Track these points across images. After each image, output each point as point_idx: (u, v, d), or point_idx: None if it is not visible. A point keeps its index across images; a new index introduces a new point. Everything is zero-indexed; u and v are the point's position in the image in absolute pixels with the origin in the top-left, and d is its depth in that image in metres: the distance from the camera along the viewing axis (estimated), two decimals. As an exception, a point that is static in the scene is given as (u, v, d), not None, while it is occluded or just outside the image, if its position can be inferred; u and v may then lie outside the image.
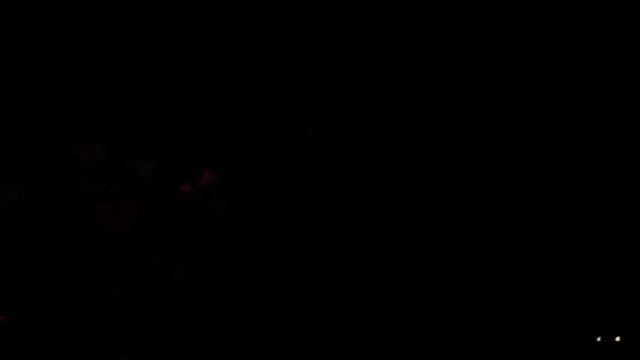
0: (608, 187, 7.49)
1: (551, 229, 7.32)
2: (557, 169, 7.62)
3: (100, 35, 7.96)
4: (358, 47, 8.17)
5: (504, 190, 7.50)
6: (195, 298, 6.94)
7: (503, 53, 8.08)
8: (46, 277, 6.90)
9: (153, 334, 6.79)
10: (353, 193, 7.51)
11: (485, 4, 8.15)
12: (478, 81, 8.00)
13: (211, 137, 7.68)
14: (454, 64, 8.08)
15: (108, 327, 6.78)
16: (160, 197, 7.31)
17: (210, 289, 6.97)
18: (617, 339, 6.80)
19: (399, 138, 7.83)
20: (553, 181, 7.56)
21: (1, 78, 7.71)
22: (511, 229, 7.33)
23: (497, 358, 6.79)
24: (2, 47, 7.79)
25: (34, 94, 7.69)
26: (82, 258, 6.97)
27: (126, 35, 7.99)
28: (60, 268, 6.95)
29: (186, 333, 6.79)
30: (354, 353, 6.83)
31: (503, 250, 7.23)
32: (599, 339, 6.82)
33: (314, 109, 7.94)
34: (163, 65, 7.96)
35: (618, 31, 8.05)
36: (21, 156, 7.37)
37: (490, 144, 7.77)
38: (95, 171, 7.32)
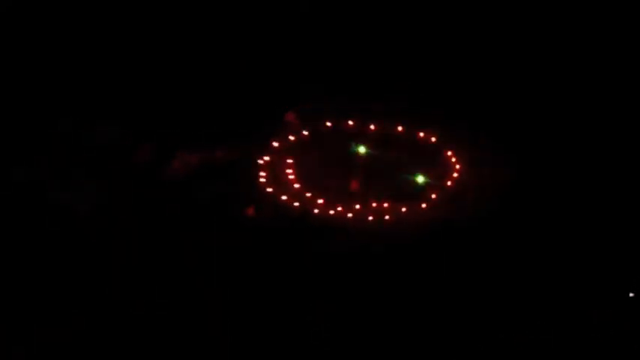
0: (609, 188, 7.50)
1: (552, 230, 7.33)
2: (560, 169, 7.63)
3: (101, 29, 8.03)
4: (358, 47, 8.18)
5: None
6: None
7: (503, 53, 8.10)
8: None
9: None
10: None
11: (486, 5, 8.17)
12: (477, 83, 8.02)
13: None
14: (455, 65, 8.09)
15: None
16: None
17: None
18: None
19: (398, 137, 7.85)
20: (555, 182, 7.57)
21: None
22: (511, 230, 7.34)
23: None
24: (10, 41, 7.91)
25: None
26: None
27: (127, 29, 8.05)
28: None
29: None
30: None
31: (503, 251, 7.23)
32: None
33: (313, 109, 7.95)
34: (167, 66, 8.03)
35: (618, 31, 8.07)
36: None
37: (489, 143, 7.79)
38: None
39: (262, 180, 7.58)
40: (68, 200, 7.28)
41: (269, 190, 7.52)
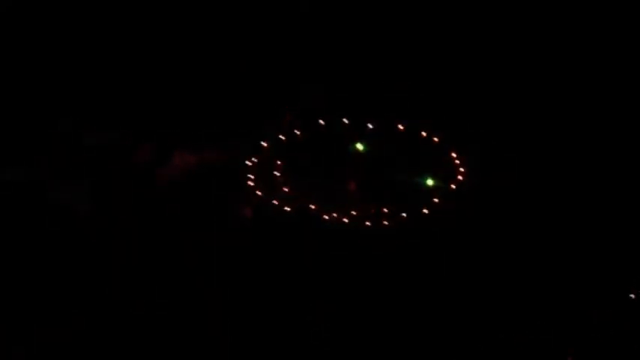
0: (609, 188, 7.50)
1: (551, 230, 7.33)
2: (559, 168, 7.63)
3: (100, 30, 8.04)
4: (358, 46, 8.18)
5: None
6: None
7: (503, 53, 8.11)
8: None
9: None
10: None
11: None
12: (475, 83, 8.03)
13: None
14: (456, 65, 8.09)
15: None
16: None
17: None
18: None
19: (396, 136, 7.85)
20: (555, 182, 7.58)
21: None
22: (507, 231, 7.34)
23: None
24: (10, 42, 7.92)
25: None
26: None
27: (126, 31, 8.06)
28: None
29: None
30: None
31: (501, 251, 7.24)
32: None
33: (311, 107, 7.96)
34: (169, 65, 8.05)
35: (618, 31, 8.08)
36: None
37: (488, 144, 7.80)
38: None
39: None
40: (68, 200, 7.27)
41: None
